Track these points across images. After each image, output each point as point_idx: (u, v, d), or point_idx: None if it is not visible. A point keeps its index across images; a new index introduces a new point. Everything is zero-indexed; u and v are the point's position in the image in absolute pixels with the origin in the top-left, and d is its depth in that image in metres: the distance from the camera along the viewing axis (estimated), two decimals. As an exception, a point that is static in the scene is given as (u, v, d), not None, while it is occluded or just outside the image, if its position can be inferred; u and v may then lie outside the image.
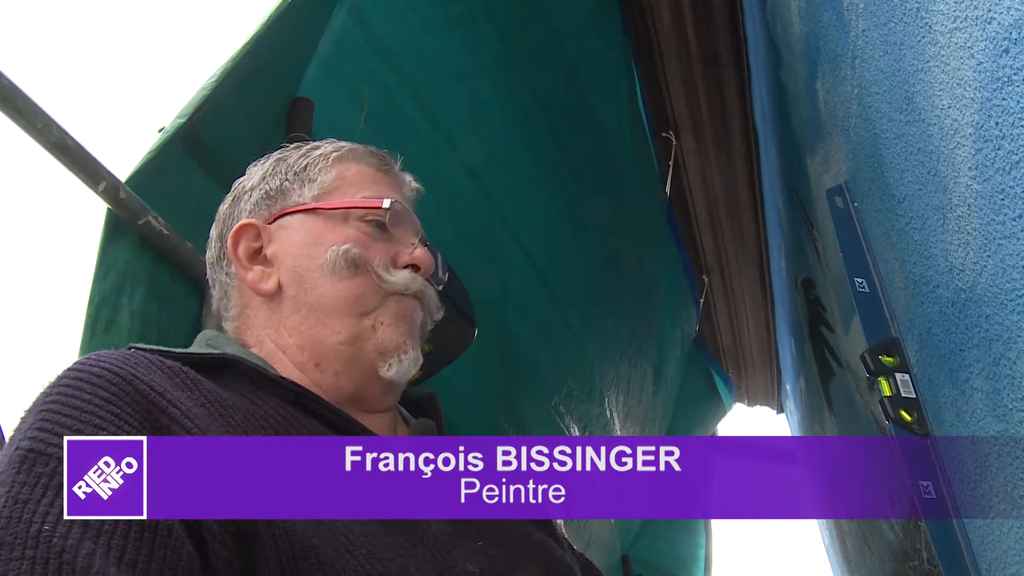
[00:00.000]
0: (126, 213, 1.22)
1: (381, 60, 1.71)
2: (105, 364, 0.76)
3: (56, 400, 0.72)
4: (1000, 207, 0.90)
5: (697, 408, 4.26)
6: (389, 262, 0.97)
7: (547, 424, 2.52)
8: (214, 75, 1.35)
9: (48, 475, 0.66)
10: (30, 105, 1.10)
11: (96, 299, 1.18)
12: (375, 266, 0.96)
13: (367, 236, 0.97)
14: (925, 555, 1.72)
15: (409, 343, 0.95)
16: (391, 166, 1.05)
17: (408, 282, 0.97)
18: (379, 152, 1.06)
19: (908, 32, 1.12)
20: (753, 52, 2.89)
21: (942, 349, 1.20)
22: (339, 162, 1.02)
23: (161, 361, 0.81)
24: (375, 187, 1.01)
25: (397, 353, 0.94)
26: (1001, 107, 0.86)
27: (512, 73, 2.17)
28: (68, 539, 0.62)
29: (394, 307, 0.96)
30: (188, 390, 0.79)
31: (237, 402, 0.81)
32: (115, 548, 0.64)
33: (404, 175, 1.07)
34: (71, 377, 0.75)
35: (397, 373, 0.93)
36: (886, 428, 1.30)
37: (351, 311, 0.94)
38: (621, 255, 2.98)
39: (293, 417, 0.83)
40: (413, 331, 0.97)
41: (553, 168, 2.44)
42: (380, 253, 0.97)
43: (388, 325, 0.95)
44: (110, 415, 0.71)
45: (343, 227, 0.97)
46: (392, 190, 1.03)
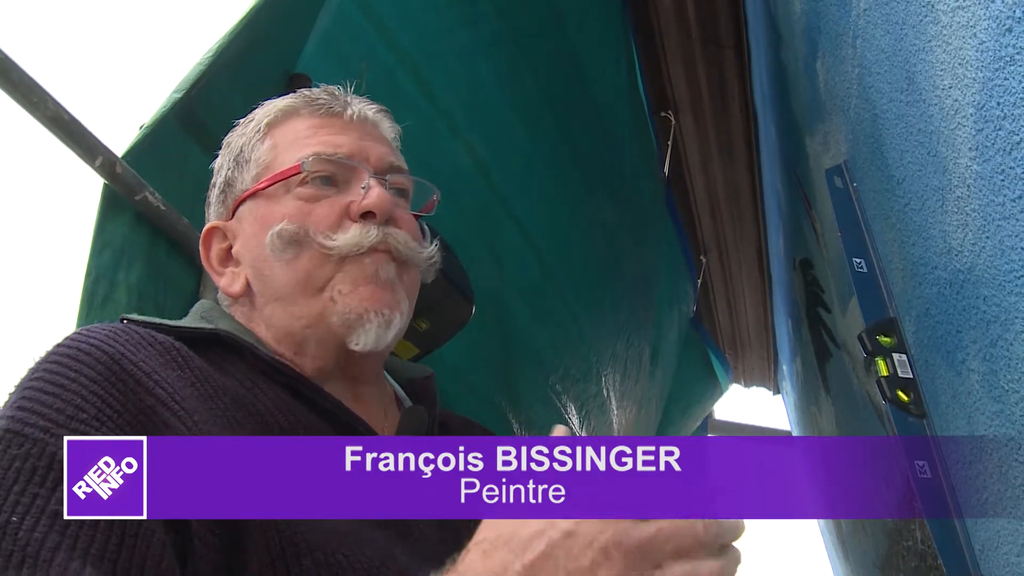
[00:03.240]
0: (123, 188, 1.22)
1: (379, 36, 1.70)
2: (94, 341, 0.75)
3: (40, 378, 0.71)
4: (1000, 188, 0.90)
5: (694, 388, 4.28)
6: (340, 219, 0.89)
7: (544, 403, 2.53)
8: (211, 50, 1.34)
9: (22, 457, 0.65)
10: (25, 79, 1.10)
11: (92, 274, 1.18)
12: (315, 235, 0.88)
13: (310, 201, 0.89)
14: (919, 534, 1.73)
15: (377, 306, 0.87)
16: (332, 102, 0.95)
17: (357, 239, 0.87)
18: (316, 93, 0.96)
19: (910, 11, 1.11)
20: (753, 31, 2.87)
21: (939, 330, 1.20)
22: (272, 128, 0.94)
23: (152, 336, 0.80)
24: (311, 140, 0.92)
25: (363, 322, 0.86)
26: (1003, 87, 0.86)
27: (511, 50, 2.16)
28: (35, 532, 0.61)
29: (352, 271, 0.87)
30: (178, 368, 0.78)
31: (227, 384, 0.80)
32: (83, 540, 0.62)
33: (351, 104, 0.95)
34: (58, 354, 0.74)
35: (368, 344, 0.86)
36: (882, 408, 1.31)
37: (306, 291, 0.88)
38: (619, 235, 2.97)
39: (282, 401, 0.82)
40: (382, 291, 0.88)
41: (551, 147, 2.43)
42: (326, 214, 0.89)
43: (347, 293, 0.87)
44: (93, 395, 0.70)
45: (283, 202, 0.90)
46: (335, 132, 0.93)
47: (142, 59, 1.95)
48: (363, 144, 0.93)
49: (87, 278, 1.18)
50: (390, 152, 0.95)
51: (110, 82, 1.99)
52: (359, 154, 0.92)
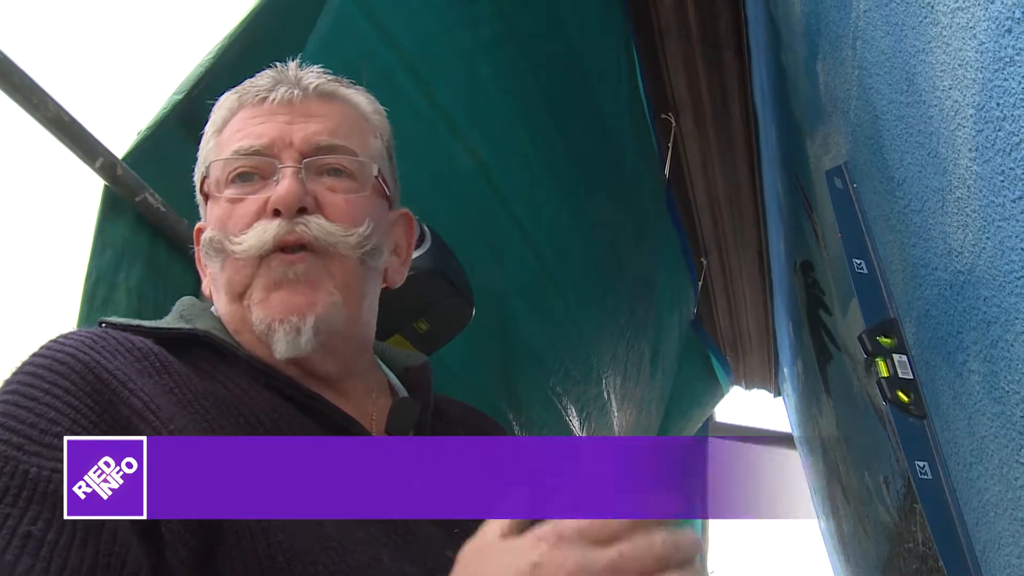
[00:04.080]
0: (123, 190, 1.22)
1: (379, 36, 1.70)
2: (69, 349, 0.74)
3: (14, 391, 0.70)
4: (1000, 189, 0.90)
5: (694, 390, 4.27)
6: (257, 218, 0.84)
7: (545, 405, 2.53)
8: (211, 51, 1.34)
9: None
10: (26, 80, 1.10)
11: (93, 276, 1.18)
12: (226, 242, 0.85)
13: (234, 202, 0.86)
14: (920, 536, 1.72)
15: (283, 314, 0.82)
16: (264, 87, 0.90)
17: (258, 238, 0.83)
18: (260, 78, 0.91)
19: (910, 12, 1.11)
20: (754, 33, 2.87)
21: (940, 331, 1.20)
22: (220, 126, 0.91)
23: (130, 341, 0.79)
24: (239, 135, 0.88)
25: (272, 332, 0.82)
26: (1002, 88, 0.86)
27: (511, 51, 2.16)
28: (6, 555, 0.60)
29: (263, 276, 0.84)
30: (156, 374, 0.77)
31: (209, 387, 0.79)
32: (56, 562, 0.61)
33: (279, 86, 0.89)
34: (33, 364, 0.73)
35: (284, 353, 0.83)
36: (883, 409, 1.31)
37: (232, 297, 0.86)
38: (619, 237, 2.97)
39: (266, 400, 0.81)
40: (292, 295, 0.83)
41: (552, 148, 2.43)
42: (242, 215, 0.85)
43: (257, 303, 0.84)
44: (68, 407, 0.69)
45: (218, 204, 0.88)
46: (261, 120, 0.87)
47: (143, 61, 1.95)
48: (288, 128, 0.87)
49: (87, 280, 1.18)
50: (323, 130, 0.88)
51: (111, 84, 1.99)
52: (281, 140, 0.86)
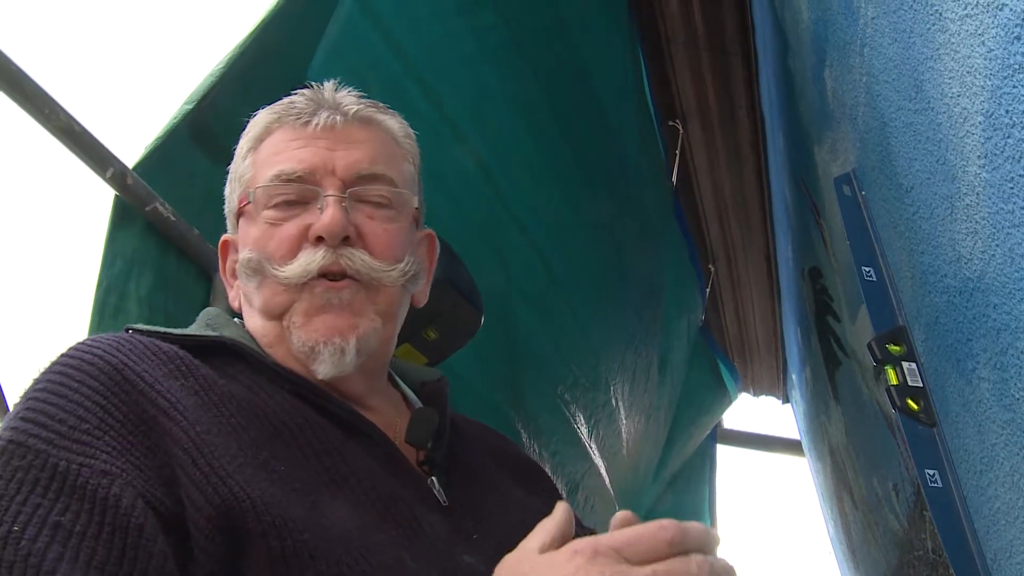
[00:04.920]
0: (133, 199, 1.22)
1: (387, 46, 1.71)
2: (98, 351, 0.76)
3: (44, 388, 0.72)
4: (1009, 196, 0.90)
5: (702, 397, 4.26)
6: (298, 243, 0.86)
7: (553, 412, 2.52)
8: (221, 62, 1.35)
9: (24, 468, 0.66)
10: (38, 91, 1.11)
11: (104, 285, 1.19)
12: (268, 265, 0.86)
13: (274, 224, 0.87)
14: (930, 544, 1.72)
15: (328, 336, 0.85)
16: (304, 110, 0.90)
17: (304, 267, 0.85)
18: (299, 99, 0.92)
19: (918, 19, 1.11)
20: (761, 40, 2.87)
21: (949, 338, 1.20)
22: (257, 142, 0.93)
23: (156, 346, 0.80)
24: (279, 157, 0.89)
25: (315, 354, 0.85)
26: (1011, 95, 0.86)
27: (517, 60, 2.17)
28: (36, 542, 0.62)
29: (305, 301, 0.86)
30: (182, 377, 0.78)
31: (233, 390, 0.80)
32: (84, 551, 0.63)
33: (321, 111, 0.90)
34: (63, 364, 0.75)
35: (327, 372, 0.85)
36: (892, 417, 1.30)
37: (270, 317, 0.88)
38: (626, 244, 2.97)
39: (289, 404, 0.82)
40: (335, 318, 0.85)
41: (559, 156, 2.43)
42: (283, 240, 0.87)
43: (299, 326, 0.86)
44: (96, 406, 0.71)
45: (256, 224, 0.89)
46: (303, 144, 0.89)
47: (153, 71, 1.96)
48: (330, 155, 0.89)
49: (98, 289, 1.19)
50: (364, 159, 0.90)
51: (122, 94, 2.00)
52: (323, 167, 0.88)
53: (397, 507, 0.79)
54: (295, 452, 0.78)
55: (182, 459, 0.71)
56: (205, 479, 0.70)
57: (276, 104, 0.94)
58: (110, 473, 0.67)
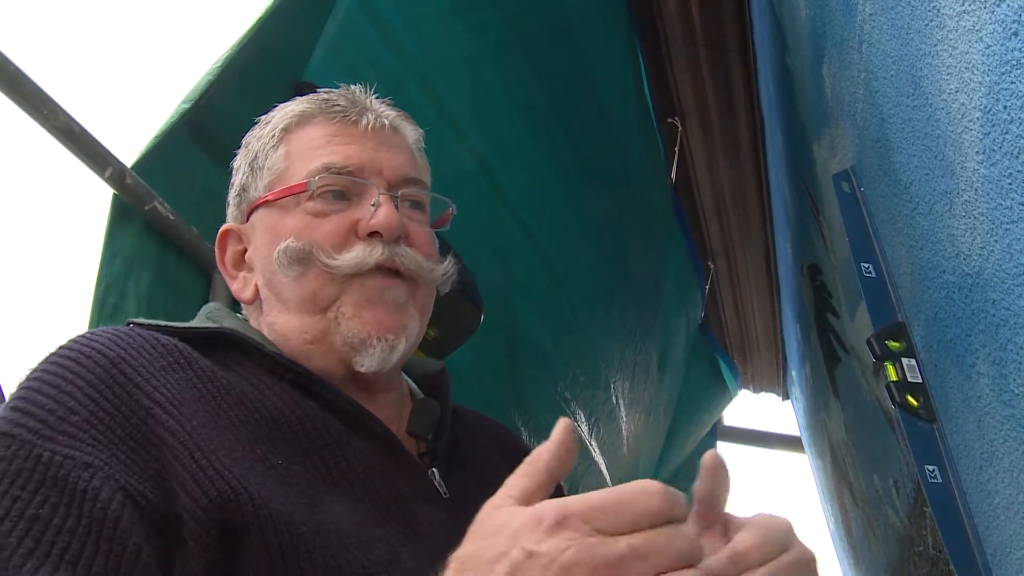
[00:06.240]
0: (132, 199, 1.23)
1: (386, 44, 1.71)
2: (96, 344, 0.76)
3: (38, 379, 0.72)
4: (1007, 191, 0.90)
5: (702, 394, 4.26)
6: (347, 236, 0.87)
7: (553, 410, 2.52)
8: (219, 60, 1.35)
9: (8, 459, 0.66)
10: (36, 91, 1.11)
11: (103, 284, 1.19)
12: (319, 253, 0.85)
13: (318, 216, 0.87)
14: (931, 540, 1.72)
15: (381, 331, 0.85)
16: (349, 108, 0.92)
17: (362, 259, 0.85)
18: (334, 97, 0.93)
19: (915, 16, 1.11)
20: (759, 37, 2.87)
21: (948, 334, 1.20)
22: (287, 134, 0.92)
23: (156, 339, 0.80)
24: (323, 151, 0.89)
25: (366, 346, 0.84)
26: (1009, 91, 0.86)
27: (517, 58, 2.17)
28: (11, 536, 0.61)
29: (356, 292, 0.85)
30: (181, 370, 0.78)
31: (233, 382, 0.80)
32: (59, 545, 0.62)
33: (368, 111, 0.92)
34: (59, 356, 0.75)
35: (372, 366, 0.85)
36: (892, 413, 1.30)
37: (312, 309, 0.86)
38: (626, 241, 2.97)
39: (290, 396, 0.81)
40: (387, 315, 0.86)
41: (559, 154, 2.43)
42: (332, 231, 0.87)
43: (350, 317, 0.85)
44: (87, 398, 0.71)
45: (293, 215, 0.88)
46: (349, 142, 0.90)
47: (151, 70, 1.96)
48: (377, 155, 0.90)
49: (97, 287, 1.19)
50: (407, 163, 0.92)
51: (120, 94, 2.00)
52: (372, 166, 0.89)
53: (396, 503, 0.79)
54: (294, 446, 0.77)
55: (179, 452, 0.71)
56: (202, 472, 0.70)
57: (302, 99, 0.94)
58: (92, 466, 0.67)
